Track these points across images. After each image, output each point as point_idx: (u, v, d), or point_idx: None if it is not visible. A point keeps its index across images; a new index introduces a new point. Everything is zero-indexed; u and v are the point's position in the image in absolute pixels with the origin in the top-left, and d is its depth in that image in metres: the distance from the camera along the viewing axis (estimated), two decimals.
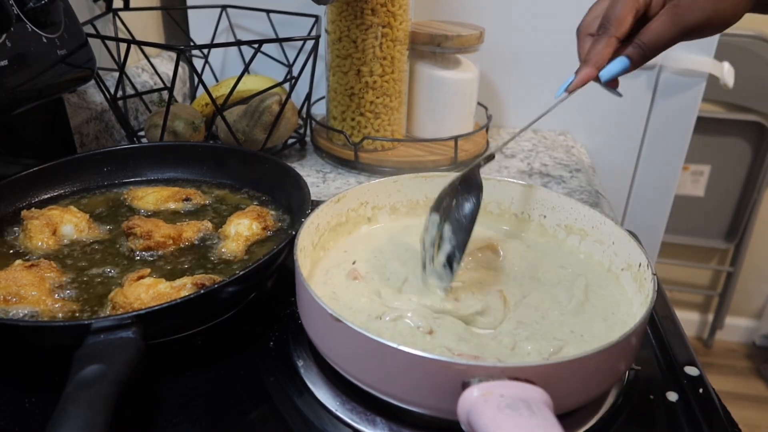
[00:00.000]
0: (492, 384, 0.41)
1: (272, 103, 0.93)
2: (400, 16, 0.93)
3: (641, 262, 0.56)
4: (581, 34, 0.62)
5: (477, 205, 0.58)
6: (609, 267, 0.62)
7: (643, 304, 0.53)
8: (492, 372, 0.41)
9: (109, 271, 0.62)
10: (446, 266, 0.57)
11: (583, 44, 0.62)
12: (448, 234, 0.58)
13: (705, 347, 2.34)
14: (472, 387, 0.41)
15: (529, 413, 0.38)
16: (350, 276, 0.60)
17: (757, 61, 1.81)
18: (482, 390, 0.40)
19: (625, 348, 0.47)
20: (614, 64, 0.59)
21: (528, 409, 0.38)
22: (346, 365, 0.49)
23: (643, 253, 0.56)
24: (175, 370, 0.55)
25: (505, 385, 0.41)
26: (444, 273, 0.57)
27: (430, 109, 1.02)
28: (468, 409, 0.40)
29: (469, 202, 0.58)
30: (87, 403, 0.41)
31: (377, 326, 0.53)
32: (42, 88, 0.72)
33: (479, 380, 0.41)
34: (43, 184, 0.76)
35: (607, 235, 0.62)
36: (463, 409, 0.41)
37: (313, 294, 0.48)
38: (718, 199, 2.09)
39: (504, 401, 0.39)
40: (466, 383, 0.41)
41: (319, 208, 0.62)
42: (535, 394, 0.40)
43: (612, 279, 0.61)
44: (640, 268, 0.56)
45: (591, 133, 1.20)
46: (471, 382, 0.41)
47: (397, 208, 0.71)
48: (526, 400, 0.39)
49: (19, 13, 0.68)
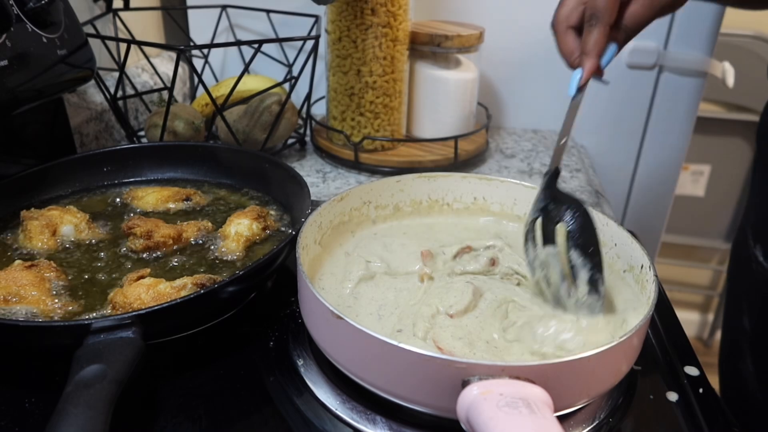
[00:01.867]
0: (492, 382, 0.41)
1: (272, 103, 0.93)
2: (400, 16, 0.93)
3: (643, 264, 0.56)
4: (560, 28, 0.62)
5: (587, 217, 0.54)
6: (612, 268, 0.62)
7: (644, 305, 0.53)
8: (492, 370, 0.41)
9: (109, 271, 0.62)
10: (592, 292, 0.53)
11: (564, 38, 0.61)
12: (578, 260, 0.54)
13: (705, 347, 2.34)
14: (471, 385, 0.41)
15: (528, 412, 0.38)
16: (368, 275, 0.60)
17: (757, 61, 1.81)
18: (482, 388, 0.40)
19: (627, 349, 0.47)
20: (608, 52, 0.59)
21: (527, 408, 0.38)
22: (347, 363, 0.49)
23: (645, 254, 0.56)
24: (175, 370, 0.55)
25: (506, 383, 0.41)
26: (593, 301, 0.53)
27: (430, 109, 1.02)
28: (467, 407, 0.40)
29: (580, 218, 0.54)
30: (87, 403, 0.41)
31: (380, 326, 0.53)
32: (42, 88, 0.72)
33: (479, 378, 0.41)
34: (43, 184, 0.76)
35: (609, 237, 0.62)
36: (462, 407, 0.41)
37: (314, 290, 0.48)
38: (718, 199, 2.08)
39: (503, 399, 0.39)
40: (466, 381, 0.41)
41: (321, 206, 0.62)
42: (535, 393, 0.40)
43: (616, 279, 0.61)
44: (642, 269, 0.56)
45: (591, 133, 1.20)
46: (471, 380, 0.41)
47: (400, 208, 0.71)
48: (525, 398, 0.39)
49: (19, 13, 0.68)
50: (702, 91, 1.15)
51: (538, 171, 1.03)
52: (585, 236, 0.54)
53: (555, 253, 0.55)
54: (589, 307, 0.54)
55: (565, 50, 0.61)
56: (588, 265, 0.53)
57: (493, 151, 1.11)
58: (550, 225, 0.56)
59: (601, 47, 0.58)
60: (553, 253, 0.55)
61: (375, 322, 0.55)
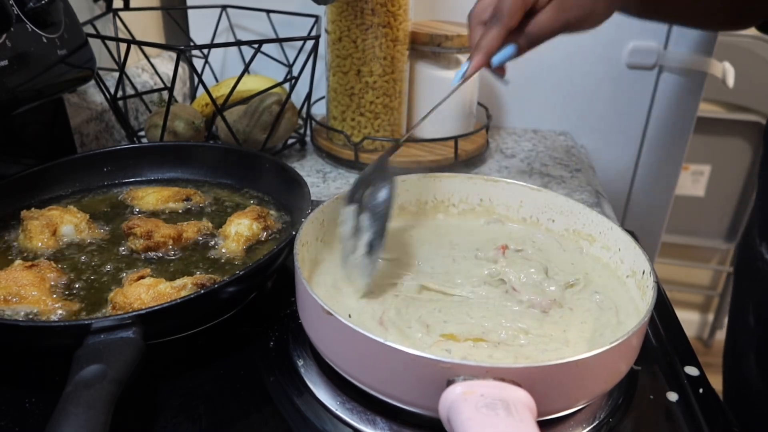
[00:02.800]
0: (475, 383, 0.40)
1: (272, 103, 0.93)
2: (400, 16, 0.93)
3: (645, 270, 0.56)
4: (472, 22, 0.65)
5: (391, 193, 0.58)
6: (615, 273, 0.61)
7: (643, 312, 0.53)
8: (477, 371, 0.41)
9: (109, 272, 0.62)
10: (367, 254, 0.57)
11: (474, 32, 0.65)
12: (365, 222, 0.58)
13: (705, 347, 2.34)
14: (455, 384, 0.41)
15: (505, 414, 0.38)
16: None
17: (757, 61, 1.81)
18: (464, 388, 0.40)
19: (625, 350, 0.47)
20: (503, 52, 0.63)
21: (505, 410, 0.38)
22: (338, 359, 0.49)
23: (647, 260, 0.56)
24: (175, 370, 0.55)
25: (488, 384, 0.40)
26: (367, 263, 0.57)
27: (430, 109, 1.02)
28: (448, 406, 0.40)
29: (384, 190, 0.59)
30: (87, 403, 0.41)
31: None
32: (42, 88, 0.72)
33: (464, 379, 0.41)
34: (43, 184, 0.76)
35: (614, 241, 0.62)
36: (444, 406, 0.41)
37: (307, 286, 0.49)
38: (718, 199, 2.08)
39: (483, 400, 0.39)
40: (451, 381, 0.41)
41: (324, 204, 0.62)
42: (518, 395, 0.40)
43: (619, 285, 0.60)
44: (643, 275, 0.56)
45: (591, 133, 1.20)
46: (456, 380, 0.41)
47: (405, 207, 0.71)
48: (505, 400, 0.39)
49: (19, 13, 0.68)
50: (702, 91, 1.15)
51: (538, 171, 1.03)
52: (379, 205, 0.58)
53: (351, 213, 0.59)
54: (363, 268, 0.57)
55: (471, 43, 0.65)
56: (372, 229, 0.57)
57: (493, 151, 1.11)
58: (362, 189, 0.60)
59: (492, 46, 0.62)
60: (350, 212, 0.60)
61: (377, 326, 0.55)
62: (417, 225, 0.70)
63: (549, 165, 1.06)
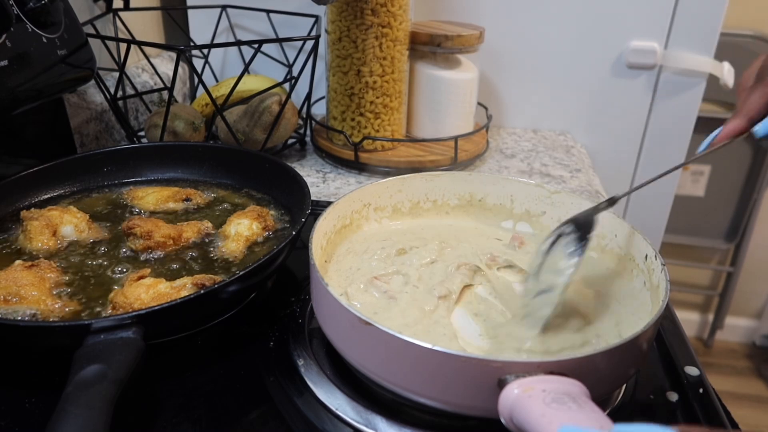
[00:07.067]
0: (531, 380, 0.40)
1: (272, 103, 0.93)
2: (400, 16, 0.93)
3: (647, 254, 0.57)
4: (739, 90, 0.57)
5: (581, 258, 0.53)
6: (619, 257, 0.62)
7: (654, 312, 0.52)
8: (528, 368, 0.41)
9: (109, 272, 0.62)
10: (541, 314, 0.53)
11: (737, 99, 0.57)
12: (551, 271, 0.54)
13: (705, 347, 2.34)
14: (511, 384, 0.40)
15: (576, 406, 0.38)
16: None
17: None
18: (523, 386, 0.40)
19: (649, 336, 0.48)
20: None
21: (574, 402, 0.38)
22: (377, 369, 0.48)
23: (649, 245, 0.56)
24: (175, 370, 0.55)
25: (545, 379, 0.40)
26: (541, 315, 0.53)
27: (430, 109, 1.02)
28: (510, 406, 0.40)
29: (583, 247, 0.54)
30: (87, 403, 0.41)
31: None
32: (42, 88, 0.72)
33: (516, 377, 0.41)
34: (43, 184, 0.76)
35: (610, 229, 0.62)
36: (505, 406, 0.40)
37: (338, 298, 0.47)
38: (718, 199, 2.08)
39: (548, 396, 0.39)
40: (503, 380, 0.41)
41: (333, 205, 0.62)
42: (574, 387, 0.40)
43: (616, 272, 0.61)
44: (646, 259, 0.56)
45: (591, 133, 1.20)
46: (507, 379, 0.41)
47: (400, 208, 0.71)
48: (568, 393, 0.39)
49: (19, 13, 0.68)
50: (702, 91, 1.15)
51: (538, 171, 1.03)
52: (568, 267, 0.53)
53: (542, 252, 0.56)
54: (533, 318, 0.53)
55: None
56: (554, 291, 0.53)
57: (493, 151, 1.11)
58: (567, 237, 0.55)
59: (754, 108, 0.53)
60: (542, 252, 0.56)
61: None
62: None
63: (549, 165, 1.06)
